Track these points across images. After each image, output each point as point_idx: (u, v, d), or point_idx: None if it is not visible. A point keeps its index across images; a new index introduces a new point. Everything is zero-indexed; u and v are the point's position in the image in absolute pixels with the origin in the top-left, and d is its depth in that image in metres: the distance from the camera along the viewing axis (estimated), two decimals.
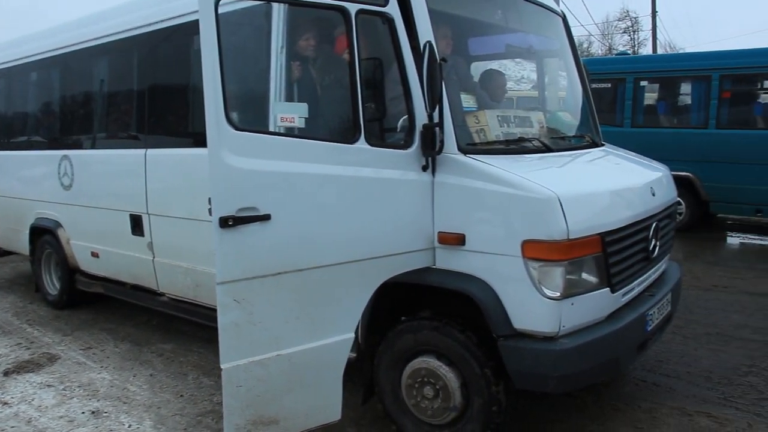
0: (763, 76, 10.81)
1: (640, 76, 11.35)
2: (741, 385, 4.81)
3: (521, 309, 3.34)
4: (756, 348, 5.52)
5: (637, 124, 11.17)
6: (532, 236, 3.23)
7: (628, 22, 44.75)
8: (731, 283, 7.62)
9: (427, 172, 3.48)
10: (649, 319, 3.91)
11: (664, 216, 4.24)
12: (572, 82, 4.98)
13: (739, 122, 10.54)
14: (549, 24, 4.86)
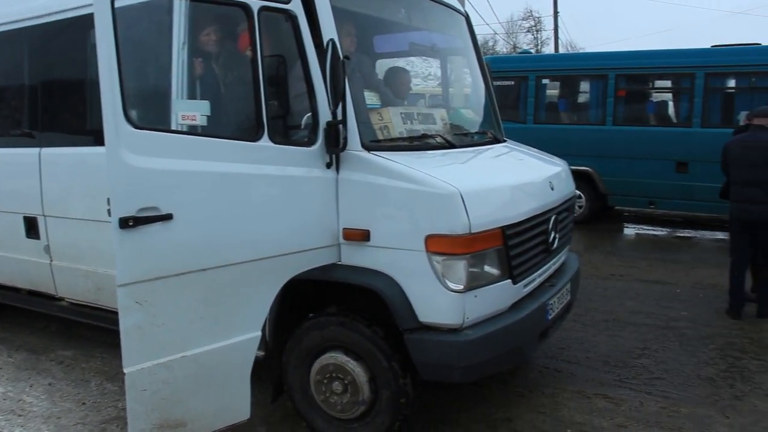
0: (656, 76, 11.37)
1: (541, 74, 11.73)
2: (635, 367, 5.07)
3: (426, 302, 3.41)
4: (648, 332, 5.84)
5: (539, 121, 11.55)
6: (435, 231, 3.30)
7: (531, 22, 46.18)
8: (627, 272, 8.01)
9: (331, 170, 3.50)
10: (550, 309, 4.07)
11: (562, 209, 4.41)
12: (475, 80, 5.10)
13: (633, 119, 11.05)
14: (452, 23, 4.96)
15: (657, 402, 4.49)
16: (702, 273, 7.99)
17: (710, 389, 4.72)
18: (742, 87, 10.73)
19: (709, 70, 10.42)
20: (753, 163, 6.05)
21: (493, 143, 4.67)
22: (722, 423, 4.21)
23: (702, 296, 6.98)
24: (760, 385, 4.79)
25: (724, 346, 5.54)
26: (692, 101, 10.48)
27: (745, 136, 6.28)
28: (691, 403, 4.48)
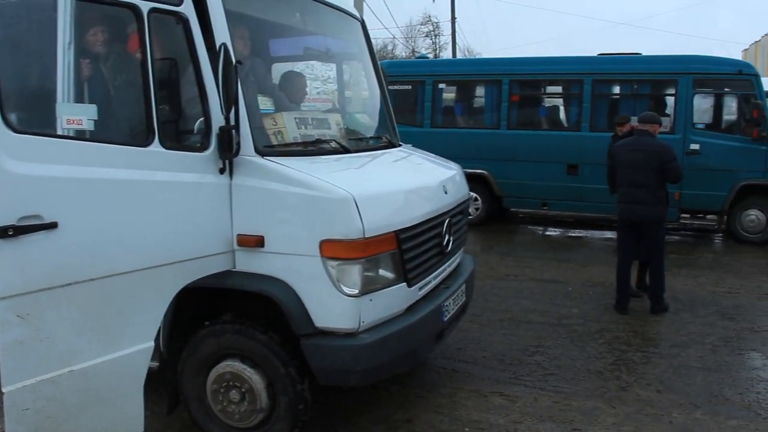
0: (547, 82, 11.83)
1: (438, 79, 11.95)
2: (529, 364, 5.25)
3: (321, 307, 3.42)
4: (542, 329, 6.06)
5: (437, 125, 11.76)
6: (329, 236, 3.31)
7: (430, 27, 46.92)
8: (522, 272, 8.27)
9: (224, 175, 3.45)
10: (445, 310, 4.16)
11: (456, 212, 4.52)
12: (370, 85, 5.15)
13: (526, 123, 11.47)
14: (348, 28, 4.99)
15: (550, 397, 4.66)
16: (592, 271, 8.35)
17: (599, 382, 4.94)
18: (626, 93, 11.32)
19: (596, 76, 10.96)
20: (639, 166, 6.40)
21: (388, 148, 4.73)
22: (609, 413, 4.42)
23: (592, 293, 7.30)
24: (643, 375, 5.06)
25: (612, 340, 5.82)
26: (581, 106, 10.97)
27: (631, 140, 6.61)
28: (581, 396, 4.68)
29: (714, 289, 7.63)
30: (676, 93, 10.62)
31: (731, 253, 9.95)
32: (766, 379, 5.09)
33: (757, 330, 6.21)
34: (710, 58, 10.80)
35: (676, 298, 7.06)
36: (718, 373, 5.14)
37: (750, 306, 7.00)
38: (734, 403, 4.64)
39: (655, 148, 6.45)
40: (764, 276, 8.40)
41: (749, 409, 4.56)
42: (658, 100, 11.19)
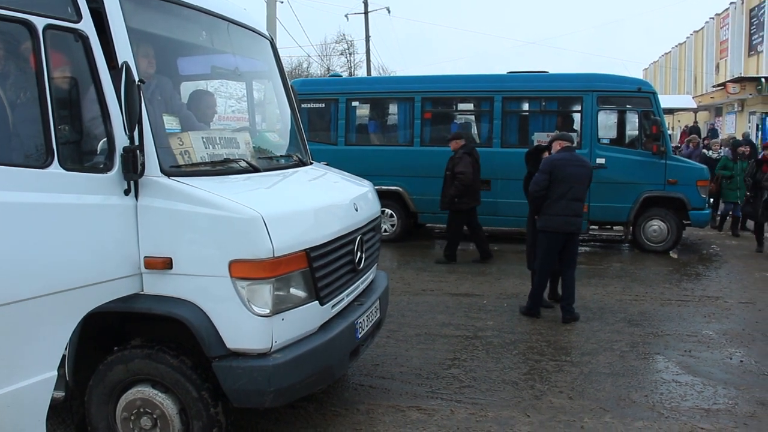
0: (459, 99, 12.07)
1: (351, 97, 12.00)
2: (446, 377, 5.30)
3: (233, 329, 3.36)
4: (457, 343, 6.13)
5: (350, 143, 11.81)
6: (239, 256, 3.27)
7: (344, 45, 47.18)
8: (437, 287, 8.36)
9: (130, 196, 3.36)
10: (359, 327, 4.16)
11: (368, 229, 4.54)
12: (280, 103, 5.12)
13: (439, 140, 11.62)
14: (256, 46, 4.95)
15: (466, 409, 4.72)
16: (506, 283, 8.53)
17: (514, 392, 5.03)
18: (535, 110, 11.69)
19: (506, 94, 11.26)
20: (580, 180, 6.71)
21: (299, 166, 4.71)
22: (524, 422, 4.51)
23: (506, 305, 7.45)
24: (555, 383, 5.19)
25: (526, 351, 5.95)
26: (492, 123, 11.24)
27: (571, 155, 6.85)
28: (497, 407, 4.75)
29: (621, 297, 7.92)
30: (581, 109, 11.04)
31: (637, 262, 10.36)
32: (669, 380, 5.32)
33: (661, 334, 6.48)
34: (612, 76, 11.30)
35: (587, 306, 7.30)
36: (625, 378, 5.33)
37: (654, 312, 7.30)
38: (640, 405, 4.82)
39: (587, 163, 6.98)
40: (667, 283, 8.79)
41: (653, 409, 4.75)
42: (565, 117, 11.61)
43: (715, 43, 39.26)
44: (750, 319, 7.15)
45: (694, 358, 5.85)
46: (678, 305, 7.65)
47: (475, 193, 9.80)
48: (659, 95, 11.40)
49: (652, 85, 11.55)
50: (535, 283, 6.97)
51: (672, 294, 8.18)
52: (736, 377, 5.42)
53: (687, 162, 11.47)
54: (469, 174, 9.49)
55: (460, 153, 9.69)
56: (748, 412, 4.76)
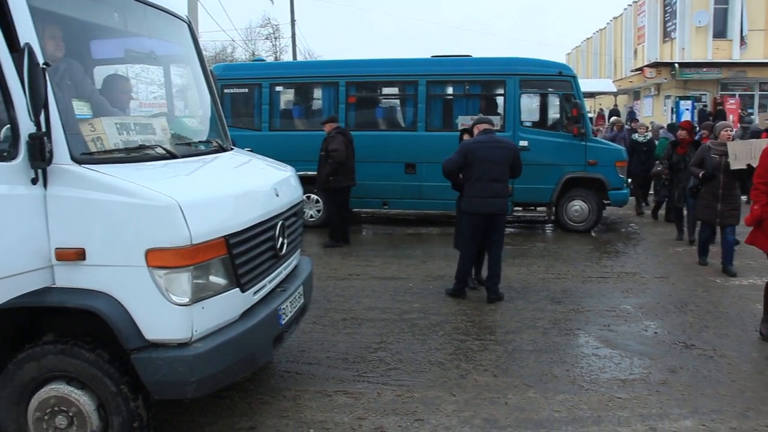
0: (383, 83, 12.07)
1: (275, 82, 11.84)
2: (372, 360, 5.32)
3: (151, 319, 3.28)
4: (384, 326, 6.17)
5: (275, 128, 11.67)
6: (155, 245, 3.19)
7: (270, 29, 46.53)
8: (364, 271, 8.39)
9: (38, 186, 3.22)
10: (283, 313, 4.13)
11: (290, 215, 4.49)
12: (199, 88, 4.99)
13: (364, 124, 11.65)
14: (173, 29, 4.80)
15: (393, 391, 4.76)
16: (432, 266, 8.62)
17: (440, 372, 5.10)
18: (458, 94, 11.79)
19: (430, 78, 11.31)
20: (498, 161, 6.78)
21: (219, 152, 4.61)
22: (449, 401, 4.58)
23: (432, 287, 7.54)
24: (480, 362, 5.28)
25: (451, 332, 6.03)
26: (416, 107, 11.30)
27: (487, 137, 6.90)
28: (423, 387, 4.81)
29: (544, 276, 8.12)
30: (504, 93, 11.21)
31: (559, 242, 10.65)
32: (589, 354, 5.51)
33: (581, 311, 6.69)
34: (534, 60, 11.50)
35: (511, 286, 7.45)
36: (548, 354, 5.48)
37: (576, 289, 7.52)
38: (562, 379, 4.97)
39: (508, 144, 7.03)
40: (588, 261, 9.06)
41: (574, 383, 4.91)
42: (488, 100, 11.75)
43: (633, 29, 40.39)
44: (664, 292, 7.45)
45: (612, 332, 6.06)
46: (598, 282, 7.90)
47: (349, 172, 9.93)
48: (581, 79, 11.68)
49: (572, 69, 11.80)
50: (460, 263, 7.06)
51: (592, 271, 8.43)
52: (650, 348, 5.65)
53: (606, 143, 11.80)
54: (343, 151, 9.67)
55: (333, 133, 9.87)
56: (661, 379, 4.98)
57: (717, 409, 4.50)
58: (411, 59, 11.75)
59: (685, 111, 28.06)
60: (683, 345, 5.72)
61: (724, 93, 32.85)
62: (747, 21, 32.50)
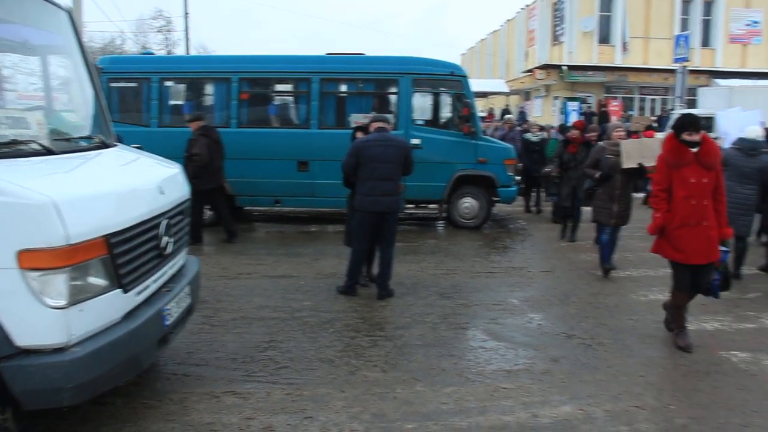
0: (276, 80, 11.95)
1: (165, 76, 11.50)
2: (262, 360, 5.28)
3: (23, 324, 3.12)
4: (274, 325, 6.13)
5: (164, 124, 11.31)
6: (28, 245, 3.04)
7: (162, 22, 45.14)
8: (255, 270, 8.29)
9: None
10: (168, 314, 4.03)
11: (176, 213, 4.38)
12: (81, 81, 4.78)
13: (257, 122, 11.52)
14: (51, 18, 4.55)
15: (283, 389, 4.73)
16: (324, 263, 8.63)
17: (329, 369, 5.12)
18: (352, 91, 11.84)
19: (324, 75, 11.30)
20: (388, 160, 6.82)
21: (102, 148, 4.45)
22: (339, 398, 4.61)
23: (323, 285, 7.54)
24: (369, 358, 5.34)
25: (342, 329, 6.06)
26: (309, 104, 11.26)
27: (378, 136, 6.93)
28: (313, 385, 4.82)
29: (434, 272, 8.29)
30: (397, 91, 11.34)
31: (450, 239, 10.89)
32: (476, 347, 5.68)
33: (470, 305, 6.88)
34: (427, 60, 11.68)
35: (401, 282, 7.56)
36: (436, 348, 5.60)
37: (465, 284, 7.72)
38: (449, 372, 5.10)
39: (400, 142, 7.06)
40: (477, 257, 9.33)
41: (461, 375, 5.06)
42: (381, 98, 11.86)
43: (525, 32, 41.76)
44: (549, 285, 7.78)
45: (499, 324, 6.26)
46: (486, 277, 8.15)
47: (212, 174, 9.69)
48: (476, 79, 11.97)
49: (464, 69, 12.06)
50: (351, 261, 7.11)
51: (481, 267, 8.68)
52: (534, 339, 5.89)
53: (495, 142, 12.15)
54: (205, 155, 9.45)
55: (197, 134, 9.65)
56: (544, 369, 5.20)
57: (594, 394, 4.75)
58: (305, 56, 11.70)
59: (572, 112, 29.34)
60: (565, 335, 5.99)
61: (608, 95, 34.60)
62: (628, 28, 34.34)
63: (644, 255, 8.19)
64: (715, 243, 5.59)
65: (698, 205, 5.49)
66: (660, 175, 5.70)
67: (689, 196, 5.48)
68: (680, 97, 24.57)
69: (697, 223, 5.50)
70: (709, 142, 5.61)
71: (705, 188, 5.49)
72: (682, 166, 5.50)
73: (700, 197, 5.49)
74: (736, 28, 36.10)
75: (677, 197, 5.54)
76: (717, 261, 5.65)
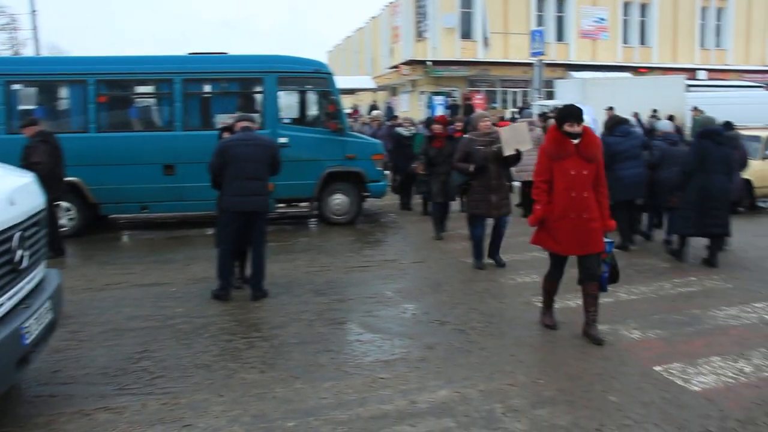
0: (136, 81, 11.53)
1: (12, 79, 10.76)
2: (135, 371, 5.11)
3: None
4: (147, 334, 5.95)
5: (13, 131, 10.52)
6: None
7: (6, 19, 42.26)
8: (124, 279, 7.98)
9: None
10: (26, 332, 3.82)
11: (29, 225, 4.16)
12: None
13: (118, 125, 11.08)
14: None
15: (159, 400, 4.60)
16: (195, 268, 8.44)
17: (206, 375, 5.03)
18: (216, 92, 11.64)
19: (186, 76, 11.02)
20: (254, 159, 6.77)
21: None
22: (217, 402, 4.54)
23: (195, 290, 7.38)
24: (247, 360, 5.30)
25: (217, 333, 5.97)
26: (173, 106, 10.95)
27: (244, 135, 6.84)
28: (190, 392, 4.72)
29: (308, 270, 8.31)
30: (263, 90, 11.24)
31: (323, 236, 10.94)
32: (353, 340, 5.79)
33: (345, 300, 6.97)
34: (291, 58, 11.66)
35: (276, 282, 7.51)
36: (313, 344, 5.63)
37: (339, 280, 7.80)
38: (327, 367, 5.15)
39: (266, 141, 7.01)
40: (350, 252, 9.44)
41: (339, 369, 5.12)
42: (247, 98, 11.75)
43: (390, 28, 42.46)
44: (422, 276, 7.99)
45: (374, 317, 6.38)
46: (360, 271, 8.26)
47: (55, 182, 8.88)
48: (343, 76, 12.06)
49: (328, 67, 12.10)
50: (218, 261, 7.00)
51: (355, 261, 8.79)
52: (409, 328, 6.05)
53: (363, 138, 12.30)
54: (46, 164, 8.75)
55: (35, 141, 9.00)
56: (420, 356, 5.36)
57: (468, 376, 4.93)
58: (166, 56, 11.35)
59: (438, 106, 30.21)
60: (439, 322, 6.18)
61: (472, 89, 35.91)
62: (489, 24, 35.73)
63: (510, 240, 8.56)
64: (596, 235, 5.54)
65: (578, 197, 5.47)
66: (541, 166, 5.67)
67: (569, 188, 5.47)
68: (538, 89, 25.92)
69: (577, 216, 5.48)
70: (590, 134, 5.61)
71: (585, 180, 5.48)
72: (563, 157, 5.49)
73: (581, 189, 5.47)
74: (586, 24, 38.58)
75: (558, 189, 5.54)
76: (603, 253, 5.62)
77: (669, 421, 4.21)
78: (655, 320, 5.73)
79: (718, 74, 40.18)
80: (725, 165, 8.11)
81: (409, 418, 4.29)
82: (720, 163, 8.04)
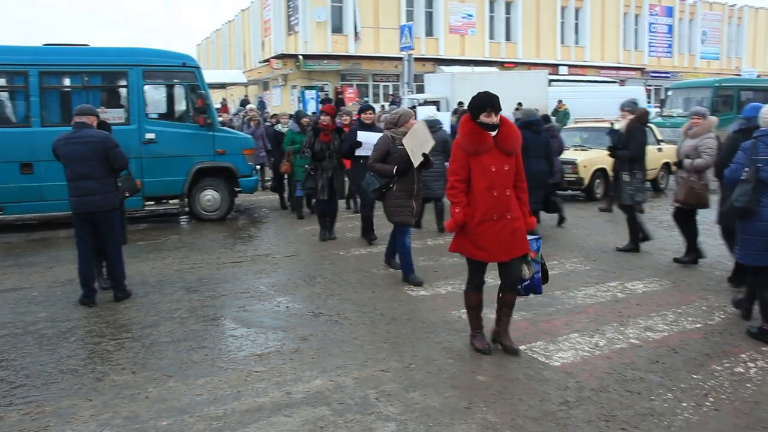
0: None
1: None
2: None
3: None
4: (5, 343, 5.65)
5: None
6: None
7: None
8: None
9: None
10: None
11: None
12: None
13: None
14: None
15: (20, 410, 4.38)
16: (60, 271, 8.09)
17: (74, 380, 4.85)
18: (77, 85, 11.13)
19: (44, 68, 10.49)
20: (85, 158, 6.40)
21: None
22: (86, 407, 4.40)
23: (60, 293, 7.09)
24: (117, 361, 5.16)
25: (84, 336, 5.77)
26: (29, 100, 10.38)
27: (71, 133, 6.50)
28: (56, 399, 4.53)
29: (180, 267, 8.17)
30: (127, 84, 10.88)
31: (195, 233, 10.77)
32: (226, 336, 5.78)
33: (217, 296, 6.92)
34: (157, 51, 11.39)
35: (145, 281, 7.36)
36: (186, 342, 5.57)
37: (211, 276, 7.72)
38: (201, 364, 5.11)
39: (96, 138, 6.51)
40: (223, 248, 9.35)
41: (213, 365, 5.09)
42: (110, 92, 11.35)
43: (260, 22, 41.89)
44: (294, 269, 8.04)
45: (247, 312, 6.38)
46: (233, 267, 8.20)
47: None
48: (212, 70, 11.88)
49: (196, 60, 11.88)
50: (78, 268, 6.71)
51: (227, 257, 8.72)
52: (283, 321, 6.09)
53: (233, 132, 12.19)
54: None
55: None
56: (294, 348, 5.42)
57: (342, 365, 5.04)
58: (19, 47, 10.75)
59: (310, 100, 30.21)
60: (312, 314, 6.26)
61: (344, 83, 36.14)
62: (360, 19, 36.07)
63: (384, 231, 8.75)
64: (521, 235, 5.01)
65: (501, 196, 4.90)
66: (456, 163, 5.00)
67: (490, 186, 4.87)
68: (408, 83, 26.48)
69: (501, 217, 4.91)
70: (509, 125, 5.01)
71: (507, 176, 4.92)
72: (481, 152, 4.88)
73: (503, 187, 4.90)
74: (455, 20, 39.78)
75: (477, 189, 4.92)
76: (532, 252, 5.17)
77: (532, 395, 4.51)
78: (519, 302, 6.07)
79: (578, 70, 42.75)
80: (544, 151, 9.47)
81: (285, 409, 4.34)
82: (539, 149, 9.33)
